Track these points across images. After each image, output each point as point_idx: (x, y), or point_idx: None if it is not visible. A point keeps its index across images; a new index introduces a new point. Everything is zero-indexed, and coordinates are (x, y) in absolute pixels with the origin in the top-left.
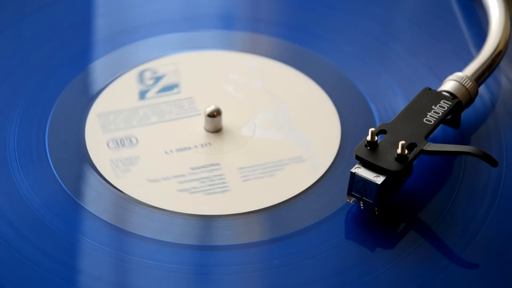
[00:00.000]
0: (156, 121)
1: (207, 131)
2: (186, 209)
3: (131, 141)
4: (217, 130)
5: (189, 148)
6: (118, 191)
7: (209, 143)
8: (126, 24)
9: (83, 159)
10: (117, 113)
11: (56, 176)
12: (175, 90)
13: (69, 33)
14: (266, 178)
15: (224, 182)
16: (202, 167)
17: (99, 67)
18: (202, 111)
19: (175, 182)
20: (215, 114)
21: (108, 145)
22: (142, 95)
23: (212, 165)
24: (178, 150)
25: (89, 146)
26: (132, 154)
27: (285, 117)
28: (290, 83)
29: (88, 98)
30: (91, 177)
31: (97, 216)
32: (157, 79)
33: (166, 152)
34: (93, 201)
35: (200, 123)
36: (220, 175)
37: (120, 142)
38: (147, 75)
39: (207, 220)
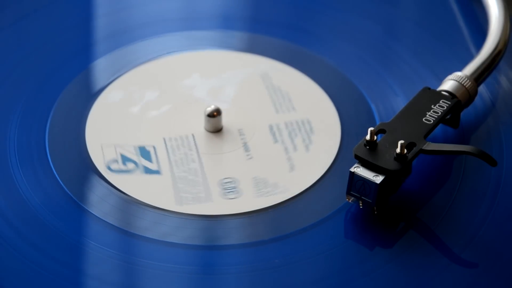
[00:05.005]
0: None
1: (207, 131)
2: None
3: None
4: (217, 130)
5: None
6: (118, 191)
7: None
8: (126, 24)
9: (83, 159)
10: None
11: (56, 176)
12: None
13: (69, 33)
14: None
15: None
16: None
17: (99, 67)
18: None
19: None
20: (215, 114)
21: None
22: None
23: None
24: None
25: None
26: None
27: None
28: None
29: (88, 98)
30: (91, 177)
31: (97, 216)
32: (124, 161)
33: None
34: (93, 201)
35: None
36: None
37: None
38: (116, 166)
39: (207, 220)
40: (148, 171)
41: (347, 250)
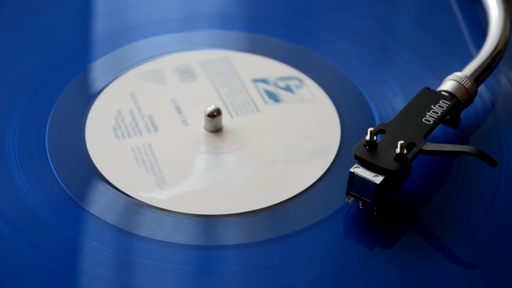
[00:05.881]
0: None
1: (207, 131)
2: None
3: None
4: (217, 130)
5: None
6: (118, 191)
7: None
8: (126, 24)
9: (83, 159)
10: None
11: (56, 176)
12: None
13: (69, 33)
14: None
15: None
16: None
17: (99, 67)
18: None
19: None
20: (215, 114)
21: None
22: None
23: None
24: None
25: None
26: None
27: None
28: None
29: (88, 98)
30: (91, 177)
31: (97, 217)
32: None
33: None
34: (93, 201)
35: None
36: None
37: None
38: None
39: (207, 220)
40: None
41: (347, 251)
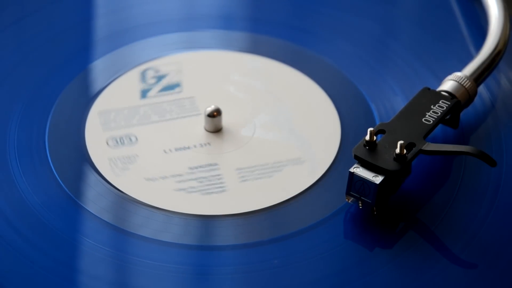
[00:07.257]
0: (156, 120)
1: (207, 131)
2: (185, 209)
3: (130, 139)
4: (217, 130)
5: (188, 147)
6: (118, 191)
7: (209, 143)
8: (126, 24)
9: (83, 159)
10: (118, 111)
11: (56, 176)
12: (177, 89)
13: (69, 33)
14: (265, 179)
15: (222, 182)
16: (201, 166)
17: (99, 67)
18: (202, 111)
19: (173, 181)
20: (215, 114)
21: (107, 143)
22: (144, 94)
23: (210, 165)
24: (177, 149)
25: (89, 146)
26: (131, 152)
27: (285, 117)
28: (290, 83)
29: (88, 98)
30: (91, 177)
31: (97, 216)
32: (159, 78)
33: (165, 151)
34: (93, 201)
35: (200, 123)
36: (218, 175)
37: (120, 140)
38: (150, 74)
39: (206, 220)
40: None
41: (347, 251)
